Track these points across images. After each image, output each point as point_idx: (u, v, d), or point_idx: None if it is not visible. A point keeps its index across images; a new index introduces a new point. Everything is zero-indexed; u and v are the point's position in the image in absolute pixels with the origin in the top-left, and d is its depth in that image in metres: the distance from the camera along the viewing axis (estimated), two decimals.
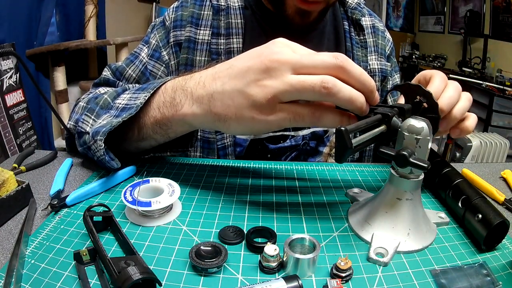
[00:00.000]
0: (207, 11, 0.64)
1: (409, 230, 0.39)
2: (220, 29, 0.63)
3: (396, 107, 0.40)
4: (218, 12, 0.64)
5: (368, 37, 0.69)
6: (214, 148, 0.64)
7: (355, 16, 0.68)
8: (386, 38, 0.73)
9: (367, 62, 0.68)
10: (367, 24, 0.70)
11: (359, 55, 0.67)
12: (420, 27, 4.38)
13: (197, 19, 0.64)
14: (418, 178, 0.38)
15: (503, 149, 2.18)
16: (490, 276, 0.34)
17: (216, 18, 0.63)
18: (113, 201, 0.46)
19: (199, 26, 0.64)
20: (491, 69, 3.06)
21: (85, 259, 0.34)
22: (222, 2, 0.64)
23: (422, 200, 0.46)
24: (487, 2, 3.10)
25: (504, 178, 0.57)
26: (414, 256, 0.37)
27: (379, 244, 0.38)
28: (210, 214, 0.44)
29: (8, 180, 0.43)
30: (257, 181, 0.53)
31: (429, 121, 0.37)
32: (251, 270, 0.35)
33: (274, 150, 0.67)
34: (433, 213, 0.44)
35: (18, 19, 1.64)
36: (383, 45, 0.71)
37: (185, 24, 0.64)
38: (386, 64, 0.70)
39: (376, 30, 0.71)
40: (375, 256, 0.36)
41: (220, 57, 0.63)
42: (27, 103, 1.62)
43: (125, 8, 2.86)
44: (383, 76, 0.70)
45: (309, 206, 0.46)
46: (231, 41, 0.63)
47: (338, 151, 0.34)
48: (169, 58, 0.65)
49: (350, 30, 0.68)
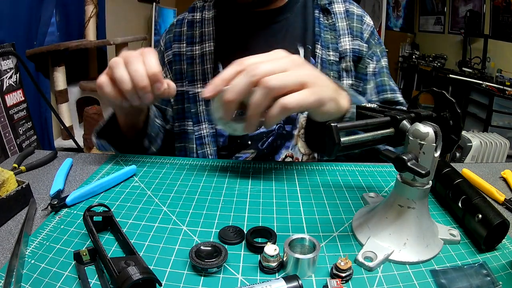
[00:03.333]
0: (184, 27, 0.76)
1: (407, 240, 0.37)
2: (195, 38, 0.74)
3: (413, 112, 0.39)
4: (192, 25, 0.75)
5: (339, 22, 0.74)
6: (192, 138, 0.71)
7: (322, 3, 0.74)
8: (364, 22, 0.76)
9: (336, 44, 0.72)
10: (339, 10, 0.75)
11: (327, 37, 0.72)
12: (420, 27, 4.38)
13: (179, 36, 0.75)
14: (424, 187, 0.36)
15: (503, 149, 2.18)
16: (490, 276, 0.34)
17: (190, 30, 0.74)
18: (113, 201, 0.47)
19: (181, 41, 0.75)
20: (491, 69, 3.06)
21: (85, 259, 0.34)
22: (198, 16, 0.75)
23: (434, 212, 0.45)
24: (487, 2, 3.10)
25: (504, 178, 0.57)
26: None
27: (370, 248, 0.37)
28: (210, 214, 0.44)
29: (8, 180, 0.43)
30: (257, 181, 0.53)
31: (448, 141, 0.35)
32: (251, 270, 0.35)
33: (253, 136, 0.71)
34: (444, 229, 0.41)
35: (18, 19, 1.64)
36: (358, 28, 0.74)
37: (171, 44, 0.76)
38: (361, 44, 0.73)
39: (350, 14, 0.75)
40: (362, 259, 0.36)
41: (194, 61, 0.72)
42: (27, 103, 1.62)
43: (125, 8, 2.86)
44: (356, 56, 0.73)
45: (309, 206, 0.46)
46: (204, 45, 0.72)
47: (327, 146, 0.34)
48: (166, 76, 0.76)
49: (320, 17, 0.74)
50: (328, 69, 0.70)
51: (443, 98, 0.39)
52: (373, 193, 0.49)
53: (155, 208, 0.45)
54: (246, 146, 0.71)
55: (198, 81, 0.71)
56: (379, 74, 0.75)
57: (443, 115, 0.39)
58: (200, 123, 0.70)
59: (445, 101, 0.39)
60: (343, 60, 0.72)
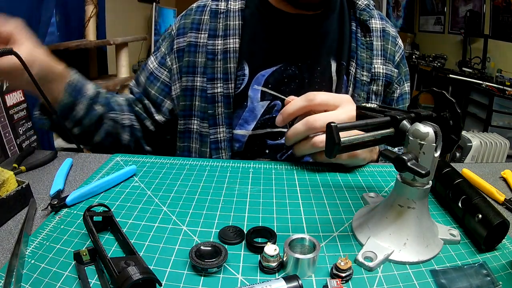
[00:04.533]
0: (206, 16, 0.68)
1: (407, 240, 0.37)
2: (218, 31, 0.67)
3: (413, 112, 0.39)
4: (216, 15, 0.68)
5: (375, 40, 0.69)
6: (207, 142, 0.67)
7: (363, 17, 0.69)
8: (397, 44, 0.72)
9: (371, 65, 0.68)
10: (376, 27, 0.70)
11: (363, 56, 0.68)
12: (420, 27, 4.38)
13: (198, 24, 0.68)
14: (424, 187, 0.36)
15: (503, 149, 2.18)
16: (490, 276, 0.34)
17: (214, 21, 0.67)
18: (113, 201, 0.47)
19: (199, 31, 0.68)
20: (491, 69, 3.07)
21: (85, 259, 0.34)
22: (222, 6, 0.68)
23: (434, 212, 0.45)
24: (487, 2, 3.11)
25: (504, 178, 0.57)
26: None
27: (371, 248, 0.37)
28: (210, 214, 0.44)
29: (8, 180, 0.43)
30: (257, 181, 0.53)
31: (448, 141, 0.36)
32: (251, 270, 0.35)
33: (272, 145, 0.69)
34: (444, 229, 0.41)
35: None
36: (392, 51, 0.71)
37: (187, 31, 0.69)
38: (392, 70, 0.70)
39: (386, 35, 0.70)
40: (363, 259, 0.36)
41: (216, 57, 0.66)
42: (27, 103, 1.62)
43: (125, 8, 2.86)
44: (387, 82, 0.70)
45: (309, 206, 0.46)
46: (228, 41, 0.66)
47: (327, 145, 0.34)
48: (171, 64, 0.70)
49: (357, 31, 0.69)
50: (360, 89, 0.67)
51: (443, 98, 0.39)
52: (373, 193, 0.49)
53: (155, 208, 0.45)
54: (263, 154, 0.69)
55: (218, 80, 0.65)
56: (402, 100, 0.73)
57: (443, 115, 0.39)
58: (217, 126, 0.65)
59: (445, 101, 0.39)
60: (374, 83, 0.68)
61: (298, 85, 0.68)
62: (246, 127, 0.68)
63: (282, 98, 0.63)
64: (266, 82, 0.67)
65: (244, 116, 0.67)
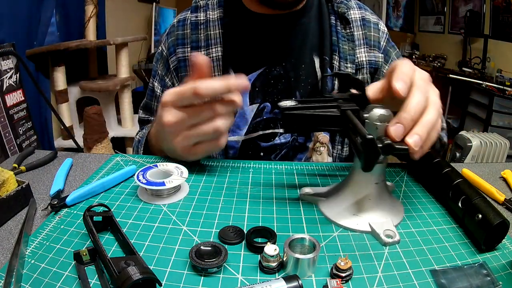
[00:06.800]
0: (188, 30, 0.70)
1: (391, 208, 0.43)
2: (200, 42, 0.68)
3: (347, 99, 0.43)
4: (197, 27, 0.69)
5: (356, 30, 0.69)
6: None
7: (341, 10, 0.69)
8: (379, 30, 0.72)
9: (354, 56, 0.68)
10: (355, 17, 0.70)
11: (345, 49, 0.68)
12: (420, 27, 4.38)
13: (183, 39, 0.70)
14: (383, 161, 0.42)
15: (503, 149, 2.18)
16: (490, 276, 0.34)
17: (195, 33, 0.69)
18: (113, 201, 0.47)
19: (185, 45, 0.69)
20: (491, 69, 3.06)
21: (85, 259, 0.34)
22: (202, 17, 0.69)
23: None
24: (487, 2, 3.10)
25: (504, 178, 0.57)
26: (414, 256, 0.37)
27: (381, 228, 0.40)
28: (210, 214, 0.44)
29: (8, 180, 0.43)
30: (257, 181, 0.53)
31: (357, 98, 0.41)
32: (251, 270, 0.35)
33: (266, 147, 0.69)
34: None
35: (18, 19, 1.64)
36: (376, 37, 0.71)
37: (175, 49, 0.70)
38: (376, 55, 0.70)
39: (366, 23, 0.71)
40: (388, 239, 0.39)
41: None
42: (27, 103, 1.62)
43: (125, 8, 2.86)
44: (373, 68, 0.70)
45: (309, 206, 0.46)
46: (210, 51, 0.67)
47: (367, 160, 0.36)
48: (172, 83, 0.72)
49: (337, 24, 0.69)
50: None
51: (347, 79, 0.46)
52: (307, 188, 0.48)
53: (155, 208, 0.45)
54: (258, 157, 0.69)
55: None
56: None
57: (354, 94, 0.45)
58: None
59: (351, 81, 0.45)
60: (360, 72, 0.69)
61: (285, 85, 0.68)
62: (238, 133, 0.68)
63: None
64: (253, 86, 0.67)
65: (235, 122, 0.68)
